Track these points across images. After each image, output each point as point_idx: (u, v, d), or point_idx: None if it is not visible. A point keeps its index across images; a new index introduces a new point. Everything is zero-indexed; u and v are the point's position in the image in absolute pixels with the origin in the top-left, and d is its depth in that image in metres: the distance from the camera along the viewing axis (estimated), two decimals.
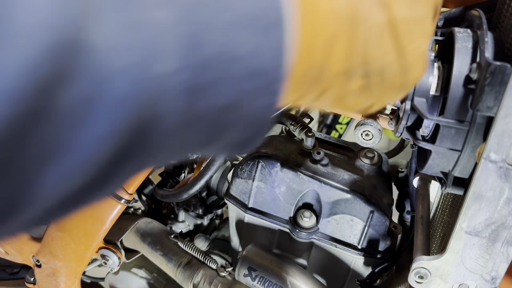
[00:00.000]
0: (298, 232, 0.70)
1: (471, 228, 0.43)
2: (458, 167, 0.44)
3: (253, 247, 0.76)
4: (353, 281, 0.77)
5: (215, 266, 0.81)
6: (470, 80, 0.40)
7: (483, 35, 0.41)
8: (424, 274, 0.47)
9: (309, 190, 0.71)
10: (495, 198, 0.41)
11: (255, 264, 0.72)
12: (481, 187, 0.41)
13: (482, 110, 0.38)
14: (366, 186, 0.71)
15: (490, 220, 0.42)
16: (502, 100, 0.37)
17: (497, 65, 0.36)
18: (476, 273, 0.46)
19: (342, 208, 0.70)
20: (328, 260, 0.76)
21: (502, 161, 0.39)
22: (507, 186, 0.40)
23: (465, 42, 0.43)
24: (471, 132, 0.41)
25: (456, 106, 0.41)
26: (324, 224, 0.72)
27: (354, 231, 0.71)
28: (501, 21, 0.47)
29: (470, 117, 0.41)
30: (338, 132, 2.20)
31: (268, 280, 0.71)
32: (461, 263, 0.46)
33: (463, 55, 0.42)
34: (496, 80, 0.36)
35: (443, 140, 0.43)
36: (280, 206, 0.73)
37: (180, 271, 0.82)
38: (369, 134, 0.64)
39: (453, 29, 0.45)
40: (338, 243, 0.72)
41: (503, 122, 0.37)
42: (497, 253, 0.44)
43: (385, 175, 0.76)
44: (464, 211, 0.43)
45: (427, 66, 0.36)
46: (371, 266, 0.74)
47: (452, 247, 0.45)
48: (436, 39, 0.51)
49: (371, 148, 0.78)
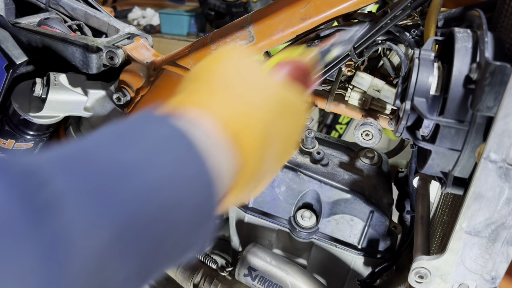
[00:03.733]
0: (298, 232, 0.70)
1: (471, 228, 0.43)
2: (458, 167, 0.44)
3: (253, 247, 0.76)
4: (353, 281, 0.77)
5: (215, 266, 0.81)
6: (470, 80, 0.40)
7: (483, 35, 0.41)
8: (424, 274, 0.47)
9: (309, 190, 0.71)
10: (495, 198, 0.41)
11: (255, 264, 0.72)
12: (481, 187, 0.41)
13: (482, 110, 0.38)
14: (366, 186, 0.71)
15: (490, 220, 0.43)
16: (502, 100, 0.37)
17: (497, 65, 0.36)
18: (476, 273, 0.46)
19: (342, 208, 0.70)
20: (328, 260, 0.76)
21: (502, 161, 0.39)
22: (507, 186, 0.40)
23: (465, 42, 0.43)
24: (471, 132, 0.41)
25: (456, 106, 0.41)
26: (324, 224, 0.72)
27: (354, 231, 0.71)
28: (501, 21, 0.47)
29: (470, 117, 0.41)
30: (338, 132, 2.20)
31: (268, 280, 0.71)
32: (461, 263, 0.46)
33: (463, 55, 0.42)
34: (496, 80, 0.36)
35: (443, 140, 0.43)
36: (280, 206, 0.73)
37: (180, 271, 0.82)
38: (369, 134, 0.64)
39: (453, 29, 0.45)
40: (338, 243, 0.72)
41: (503, 122, 0.37)
42: (497, 253, 0.44)
43: (385, 175, 0.76)
44: (464, 211, 0.43)
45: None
46: (371, 266, 0.74)
47: (452, 247, 0.45)
48: (436, 39, 0.51)
49: (371, 148, 0.78)
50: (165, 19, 3.26)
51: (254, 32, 0.70)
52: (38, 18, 0.96)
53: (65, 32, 0.92)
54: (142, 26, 3.51)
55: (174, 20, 3.23)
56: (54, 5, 1.01)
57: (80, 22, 0.99)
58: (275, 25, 0.67)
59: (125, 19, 3.67)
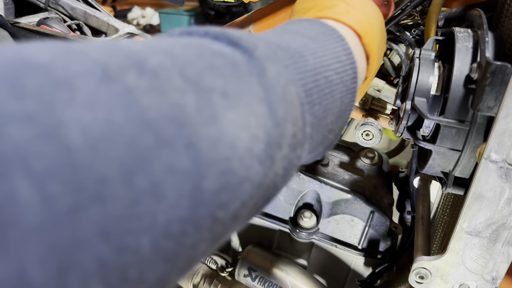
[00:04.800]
0: (298, 232, 0.70)
1: (471, 228, 0.43)
2: (459, 167, 0.44)
3: (253, 247, 0.76)
4: (353, 281, 0.76)
5: (215, 266, 0.81)
6: (471, 80, 0.40)
7: (484, 34, 0.41)
8: (425, 274, 0.47)
9: (309, 190, 0.71)
10: (496, 198, 0.41)
11: (255, 264, 0.72)
12: (481, 187, 0.41)
13: (483, 110, 0.38)
14: (367, 186, 0.71)
15: (490, 220, 0.42)
16: (502, 100, 0.36)
17: (497, 65, 0.36)
18: (476, 273, 0.45)
19: (342, 208, 0.70)
20: (329, 260, 0.76)
21: (502, 161, 0.39)
22: (507, 186, 0.40)
23: (465, 42, 0.43)
24: (472, 132, 0.41)
25: (457, 106, 0.41)
26: (325, 224, 0.72)
27: (354, 231, 0.71)
28: (502, 20, 0.46)
29: (470, 117, 0.41)
30: None
31: (268, 281, 0.71)
32: (462, 263, 0.45)
33: (463, 55, 0.42)
34: (497, 80, 0.36)
35: (444, 140, 0.43)
36: (280, 206, 0.73)
37: None
38: (370, 134, 0.64)
39: (453, 28, 0.45)
40: (338, 243, 0.72)
41: (504, 122, 0.37)
42: (497, 253, 0.44)
43: (385, 175, 0.76)
44: (464, 211, 0.43)
45: None
46: (372, 267, 0.74)
47: (452, 247, 0.45)
48: (436, 39, 0.51)
49: (372, 148, 0.78)
50: (165, 18, 3.27)
51: (254, 32, 0.70)
52: (37, 18, 0.96)
53: (65, 32, 0.92)
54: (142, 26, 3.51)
55: (174, 20, 3.23)
56: (54, 5, 1.01)
57: (80, 22, 0.99)
58: (275, 24, 0.67)
59: (124, 18, 3.68)
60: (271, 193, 0.26)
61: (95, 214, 0.15)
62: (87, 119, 0.15)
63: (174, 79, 0.20)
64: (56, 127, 0.14)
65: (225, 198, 0.21)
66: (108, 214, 0.15)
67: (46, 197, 0.14)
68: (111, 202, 0.15)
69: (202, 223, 0.20)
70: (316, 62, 0.30)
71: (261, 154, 0.23)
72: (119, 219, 0.16)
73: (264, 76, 0.25)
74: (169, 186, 0.17)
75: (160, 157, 0.17)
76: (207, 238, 0.21)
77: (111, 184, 0.15)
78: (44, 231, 0.14)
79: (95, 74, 0.17)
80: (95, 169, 0.15)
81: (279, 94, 0.25)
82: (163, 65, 0.20)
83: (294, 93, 0.27)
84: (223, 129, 0.20)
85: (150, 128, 0.17)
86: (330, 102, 0.31)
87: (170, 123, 0.18)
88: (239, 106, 0.22)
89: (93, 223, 0.15)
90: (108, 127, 0.16)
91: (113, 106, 0.16)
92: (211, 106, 0.20)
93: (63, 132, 0.14)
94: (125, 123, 0.16)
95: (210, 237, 0.21)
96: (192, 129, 0.19)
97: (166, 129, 0.18)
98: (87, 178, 0.15)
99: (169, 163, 0.17)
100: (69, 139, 0.15)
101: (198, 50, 0.23)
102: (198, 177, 0.19)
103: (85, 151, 0.15)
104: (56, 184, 0.14)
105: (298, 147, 0.28)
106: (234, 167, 0.21)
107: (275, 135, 0.24)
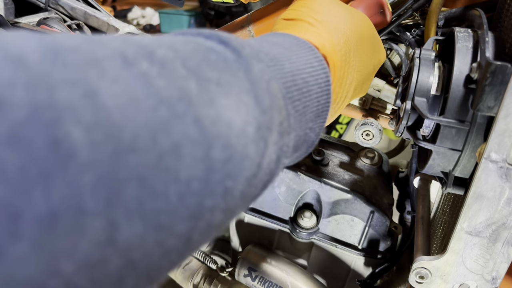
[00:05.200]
0: (298, 232, 0.70)
1: (471, 228, 0.43)
2: (459, 167, 0.44)
3: (253, 247, 0.76)
4: (353, 281, 0.76)
5: (215, 266, 0.81)
6: (471, 80, 0.40)
7: (484, 34, 0.41)
8: (425, 274, 0.47)
9: (309, 190, 0.71)
10: (496, 198, 0.41)
11: (255, 264, 0.72)
12: (481, 187, 0.41)
13: (483, 110, 0.38)
14: (367, 186, 0.71)
15: (490, 220, 0.42)
16: (502, 100, 0.36)
17: (497, 65, 0.36)
18: (476, 273, 0.45)
19: (342, 208, 0.70)
20: (328, 260, 0.76)
21: (502, 161, 0.39)
22: (507, 186, 0.40)
23: (465, 42, 0.43)
24: (472, 132, 0.41)
25: (457, 106, 0.41)
26: (325, 224, 0.72)
27: (354, 231, 0.71)
28: (502, 20, 0.46)
29: (470, 117, 0.41)
30: (338, 132, 2.20)
31: (268, 281, 0.71)
32: (462, 263, 0.45)
33: (463, 55, 0.42)
34: (497, 80, 0.36)
35: (444, 140, 0.43)
36: (280, 206, 0.73)
37: (180, 271, 0.82)
38: (370, 134, 0.64)
39: (453, 28, 0.45)
40: (338, 243, 0.72)
41: (504, 122, 0.37)
42: (497, 253, 0.44)
43: (385, 175, 0.76)
44: (464, 211, 0.43)
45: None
46: (372, 267, 0.74)
47: (452, 247, 0.45)
48: (436, 38, 0.51)
49: (372, 148, 0.78)
50: (165, 18, 3.26)
51: (254, 32, 0.70)
52: (37, 18, 0.96)
53: (65, 32, 0.92)
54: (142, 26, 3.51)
55: (174, 20, 3.23)
56: (54, 5, 1.01)
57: (80, 22, 0.99)
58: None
59: (124, 18, 3.67)
60: (268, 179, 0.29)
61: (132, 161, 0.18)
62: (116, 91, 0.19)
63: (178, 69, 0.23)
64: (94, 92, 0.18)
65: (231, 169, 0.24)
66: (141, 162, 0.18)
67: (93, 142, 0.17)
68: (143, 153, 0.19)
69: (216, 188, 0.23)
70: (292, 66, 0.34)
71: (254, 136, 0.26)
72: (151, 168, 0.19)
73: (250, 72, 0.28)
74: (185, 149, 0.21)
75: (175, 126, 0.21)
76: (222, 207, 0.24)
77: (141, 139, 0.19)
78: (95, 166, 0.16)
79: (116, 59, 0.20)
80: (127, 126, 0.18)
81: (263, 87, 0.28)
82: (168, 57, 0.23)
83: (276, 88, 0.30)
84: (219, 111, 0.24)
85: (164, 104, 0.20)
86: (308, 100, 0.35)
87: (179, 101, 0.21)
88: (231, 95, 0.25)
89: (131, 168, 0.18)
90: (132, 98, 0.19)
91: (134, 84, 0.20)
92: (209, 92, 0.24)
93: (99, 97, 0.18)
94: (145, 97, 0.20)
95: (224, 207, 0.24)
96: (196, 108, 0.22)
97: (176, 106, 0.21)
98: (123, 132, 0.18)
99: (182, 132, 0.21)
100: (104, 102, 0.18)
101: (195, 46, 0.26)
102: (206, 146, 0.22)
103: (118, 113, 0.18)
104: (100, 133, 0.17)
105: (286, 135, 0.31)
106: (233, 143, 0.24)
107: (263, 121, 0.27)
